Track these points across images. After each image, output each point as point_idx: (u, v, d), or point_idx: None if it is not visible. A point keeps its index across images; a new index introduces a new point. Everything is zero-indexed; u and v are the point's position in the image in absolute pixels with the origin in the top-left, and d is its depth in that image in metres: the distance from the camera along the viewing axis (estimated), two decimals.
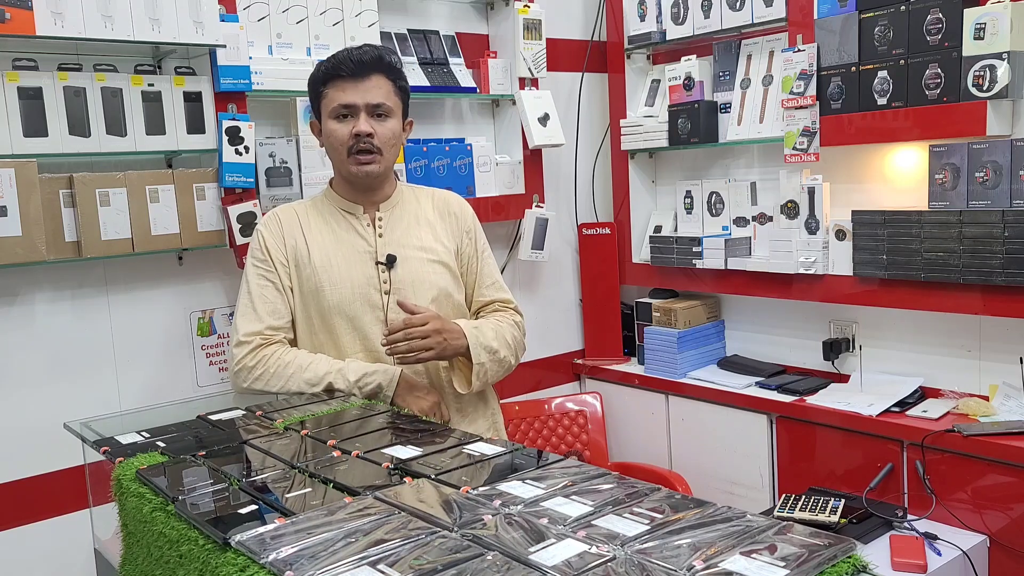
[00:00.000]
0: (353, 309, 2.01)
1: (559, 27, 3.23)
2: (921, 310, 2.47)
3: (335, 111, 1.98)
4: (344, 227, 2.06)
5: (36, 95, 2.08)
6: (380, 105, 1.99)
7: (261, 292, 2.01)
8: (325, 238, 2.05)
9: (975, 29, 2.20)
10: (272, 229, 2.06)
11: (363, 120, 1.97)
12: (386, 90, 2.00)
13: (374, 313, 2.02)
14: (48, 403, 2.21)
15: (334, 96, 1.98)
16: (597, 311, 3.36)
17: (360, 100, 1.96)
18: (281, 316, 2.02)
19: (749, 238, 2.93)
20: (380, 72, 1.99)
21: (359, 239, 2.05)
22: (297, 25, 2.50)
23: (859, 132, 2.48)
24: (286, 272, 2.03)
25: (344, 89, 1.97)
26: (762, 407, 2.75)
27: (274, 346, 1.98)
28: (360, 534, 1.11)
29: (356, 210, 2.07)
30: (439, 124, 2.98)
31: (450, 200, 2.20)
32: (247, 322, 1.99)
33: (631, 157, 3.27)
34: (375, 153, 1.99)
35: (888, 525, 2.25)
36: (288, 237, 2.04)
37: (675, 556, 1.00)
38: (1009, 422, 2.29)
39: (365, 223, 2.07)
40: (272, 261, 2.02)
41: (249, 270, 2.04)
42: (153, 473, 1.43)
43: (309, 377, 1.94)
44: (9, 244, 2.00)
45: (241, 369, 1.96)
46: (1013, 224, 2.19)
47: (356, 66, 1.96)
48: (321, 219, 2.07)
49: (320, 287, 2.01)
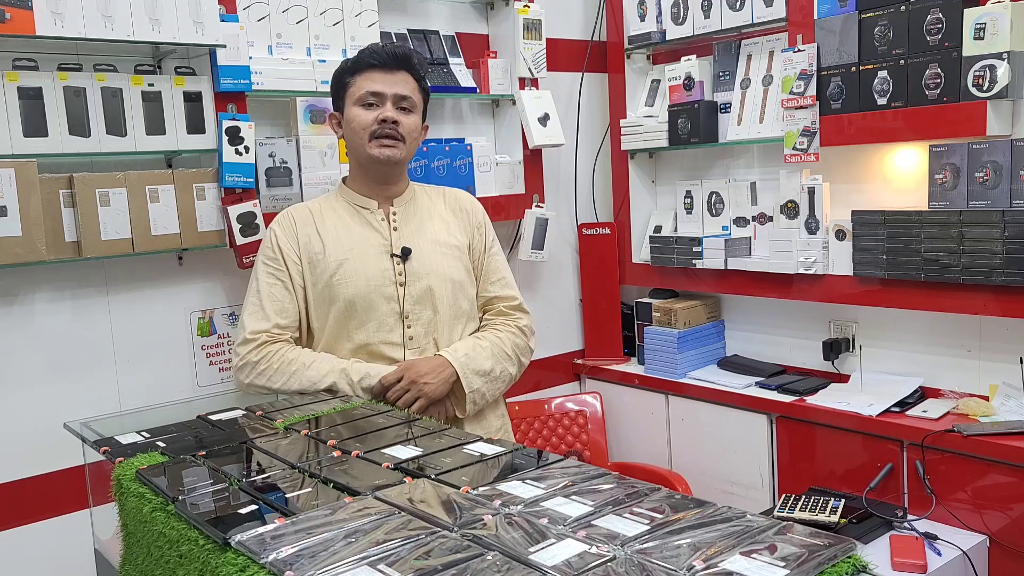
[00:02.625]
0: (368, 302, 2.02)
1: (559, 27, 3.23)
2: (921, 310, 2.47)
3: (362, 98, 2.01)
4: (359, 222, 2.08)
5: (36, 95, 2.08)
6: (406, 98, 2.03)
7: (270, 291, 2.02)
8: (340, 233, 2.06)
9: (975, 29, 2.20)
10: (285, 227, 2.07)
11: (390, 107, 2.01)
12: (412, 86, 2.05)
13: (389, 305, 2.03)
14: (48, 403, 2.21)
15: (362, 84, 2.01)
16: (597, 311, 3.36)
17: (389, 90, 2.01)
18: (288, 315, 2.03)
19: (749, 238, 2.93)
20: (408, 69, 2.04)
21: (374, 233, 2.07)
22: (297, 25, 2.50)
23: (859, 132, 2.48)
24: (298, 271, 2.04)
25: (374, 79, 2.01)
26: (762, 407, 2.75)
27: (279, 344, 1.99)
28: (360, 534, 1.11)
29: (371, 204, 2.09)
30: (439, 124, 2.98)
31: (461, 197, 2.24)
32: (254, 320, 2.00)
33: (631, 157, 3.27)
34: (398, 139, 2.01)
35: (888, 525, 2.25)
36: (302, 235, 2.05)
37: (675, 556, 1.00)
38: (1009, 422, 2.29)
39: (380, 218, 2.08)
40: (284, 259, 2.03)
41: (259, 268, 2.05)
42: (153, 473, 1.42)
43: (311, 375, 1.95)
44: (9, 244, 2.00)
45: (245, 365, 1.97)
46: (1013, 224, 2.19)
47: (389, 58, 2.02)
48: (335, 215, 2.09)
49: (335, 281, 2.02)
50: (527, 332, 2.18)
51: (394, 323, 2.03)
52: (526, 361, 2.17)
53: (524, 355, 2.16)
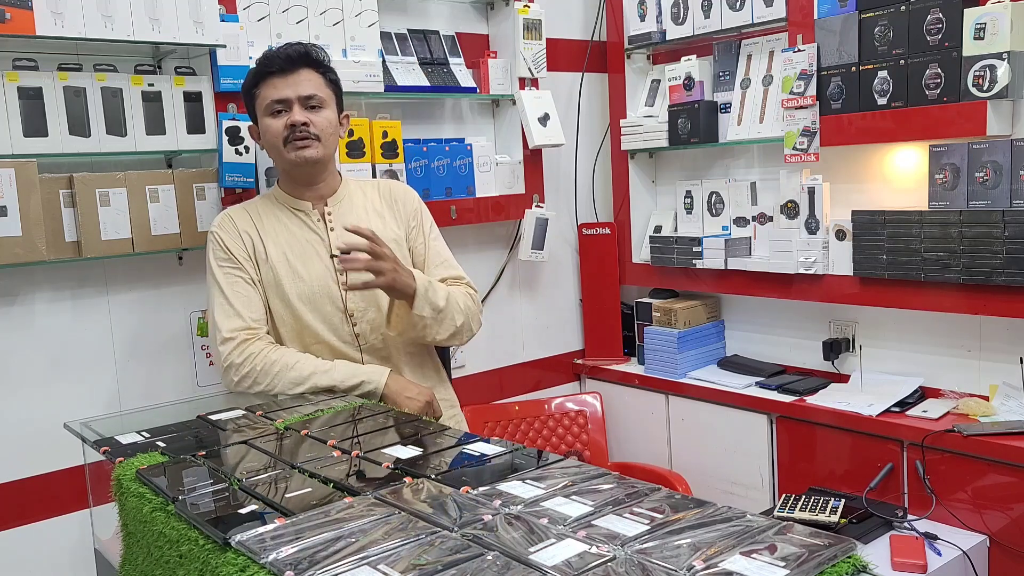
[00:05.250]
0: (313, 303, 2.03)
1: (559, 27, 3.23)
2: (921, 310, 2.47)
3: (269, 108, 2.01)
4: (296, 224, 2.08)
5: (36, 95, 2.08)
6: (312, 96, 2.01)
7: (233, 288, 2.01)
8: (280, 235, 2.06)
9: (975, 29, 2.19)
10: (227, 228, 2.06)
11: (296, 111, 1.99)
12: (316, 82, 2.03)
13: (333, 304, 2.04)
14: (48, 403, 2.21)
15: (266, 94, 2.01)
16: (597, 311, 3.36)
17: (292, 93, 1.99)
18: (257, 308, 2.03)
19: (749, 238, 2.93)
20: (309, 66, 2.03)
21: (311, 233, 2.08)
22: (297, 25, 2.50)
23: (859, 132, 2.48)
24: (252, 265, 2.04)
25: (275, 85, 2.00)
26: (762, 407, 2.75)
27: (261, 342, 1.98)
28: (360, 534, 1.11)
29: (304, 206, 2.10)
30: (439, 124, 2.98)
31: (394, 187, 2.24)
32: (227, 319, 1.99)
33: (631, 157, 3.27)
34: (311, 139, 2.00)
35: (888, 525, 2.25)
36: (244, 236, 2.05)
37: (675, 556, 1.00)
38: (1009, 422, 2.29)
39: (315, 218, 2.09)
40: (235, 257, 2.03)
41: (215, 271, 2.03)
42: (153, 473, 1.42)
43: (294, 376, 1.94)
44: (9, 244, 2.00)
45: (229, 367, 1.96)
46: (1013, 224, 2.19)
47: (284, 61, 2.00)
48: (273, 217, 2.09)
49: (279, 283, 2.03)
50: (476, 301, 2.16)
51: (340, 322, 2.04)
52: (475, 325, 2.13)
53: (472, 318, 2.12)
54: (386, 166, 2.63)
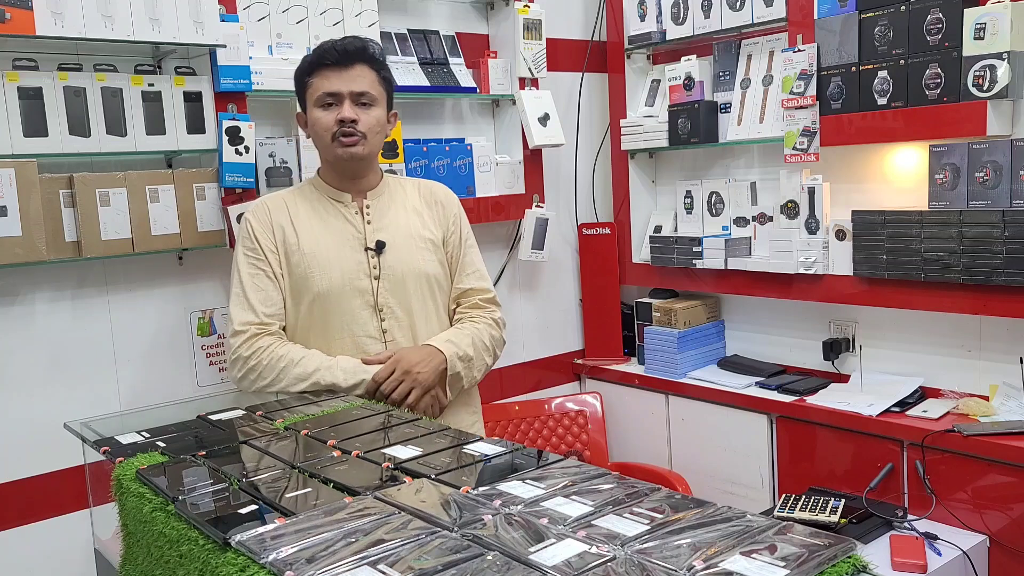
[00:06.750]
0: (342, 295, 2.02)
1: (559, 27, 3.23)
2: (921, 310, 2.47)
3: (320, 99, 2.01)
4: (333, 214, 2.08)
5: (36, 95, 2.08)
6: (364, 94, 2.01)
7: (253, 281, 2.02)
8: (314, 225, 2.06)
9: (975, 29, 2.19)
10: (260, 218, 2.06)
11: (347, 107, 2.00)
12: (370, 79, 2.03)
13: (363, 298, 2.04)
14: (48, 403, 2.21)
15: (319, 85, 2.01)
16: (597, 311, 3.36)
17: (344, 88, 1.99)
18: (274, 304, 2.02)
19: (749, 238, 2.93)
20: (364, 62, 2.03)
21: (348, 225, 2.07)
22: (297, 25, 2.50)
23: (859, 132, 2.48)
24: (276, 260, 2.04)
25: (329, 78, 2.00)
26: (762, 407, 2.75)
27: (270, 337, 1.99)
28: (360, 534, 1.11)
29: (344, 198, 2.09)
30: (439, 124, 2.98)
31: (436, 189, 2.23)
32: (241, 311, 2.00)
33: (631, 157, 3.27)
34: (358, 136, 2.01)
35: (888, 525, 2.25)
36: (276, 225, 2.05)
37: (675, 556, 1.00)
38: (1009, 422, 2.29)
39: (354, 211, 2.09)
40: (262, 249, 2.03)
41: (240, 259, 2.04)
42: (153, 473, 1.42)
43: (299, 372, 1.94)
44: (9, 244, 2.00)
45: (236, 359, 1.97)
46: (1013, 224, 2.19)
47: (340, 55, 2.00)
48: (309, 206, 2.09)
49: (310, 273, 2.02)
50: (501, 324, 2.20)
51: (368, 317, 2.04)
52: (500, 353, 2.19)
53: (499, 347, 2.18)
54: (386, 166, 2.63)
